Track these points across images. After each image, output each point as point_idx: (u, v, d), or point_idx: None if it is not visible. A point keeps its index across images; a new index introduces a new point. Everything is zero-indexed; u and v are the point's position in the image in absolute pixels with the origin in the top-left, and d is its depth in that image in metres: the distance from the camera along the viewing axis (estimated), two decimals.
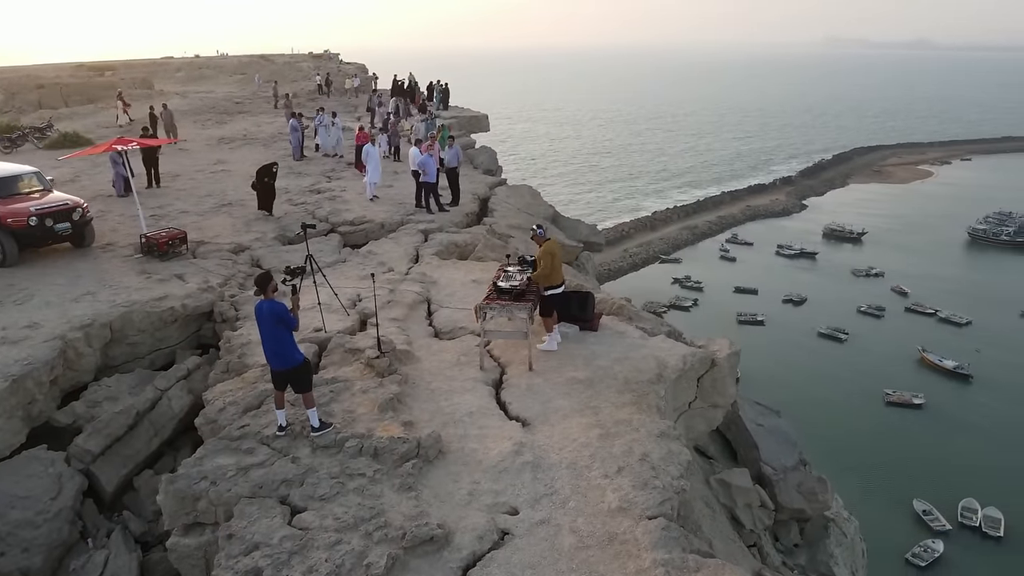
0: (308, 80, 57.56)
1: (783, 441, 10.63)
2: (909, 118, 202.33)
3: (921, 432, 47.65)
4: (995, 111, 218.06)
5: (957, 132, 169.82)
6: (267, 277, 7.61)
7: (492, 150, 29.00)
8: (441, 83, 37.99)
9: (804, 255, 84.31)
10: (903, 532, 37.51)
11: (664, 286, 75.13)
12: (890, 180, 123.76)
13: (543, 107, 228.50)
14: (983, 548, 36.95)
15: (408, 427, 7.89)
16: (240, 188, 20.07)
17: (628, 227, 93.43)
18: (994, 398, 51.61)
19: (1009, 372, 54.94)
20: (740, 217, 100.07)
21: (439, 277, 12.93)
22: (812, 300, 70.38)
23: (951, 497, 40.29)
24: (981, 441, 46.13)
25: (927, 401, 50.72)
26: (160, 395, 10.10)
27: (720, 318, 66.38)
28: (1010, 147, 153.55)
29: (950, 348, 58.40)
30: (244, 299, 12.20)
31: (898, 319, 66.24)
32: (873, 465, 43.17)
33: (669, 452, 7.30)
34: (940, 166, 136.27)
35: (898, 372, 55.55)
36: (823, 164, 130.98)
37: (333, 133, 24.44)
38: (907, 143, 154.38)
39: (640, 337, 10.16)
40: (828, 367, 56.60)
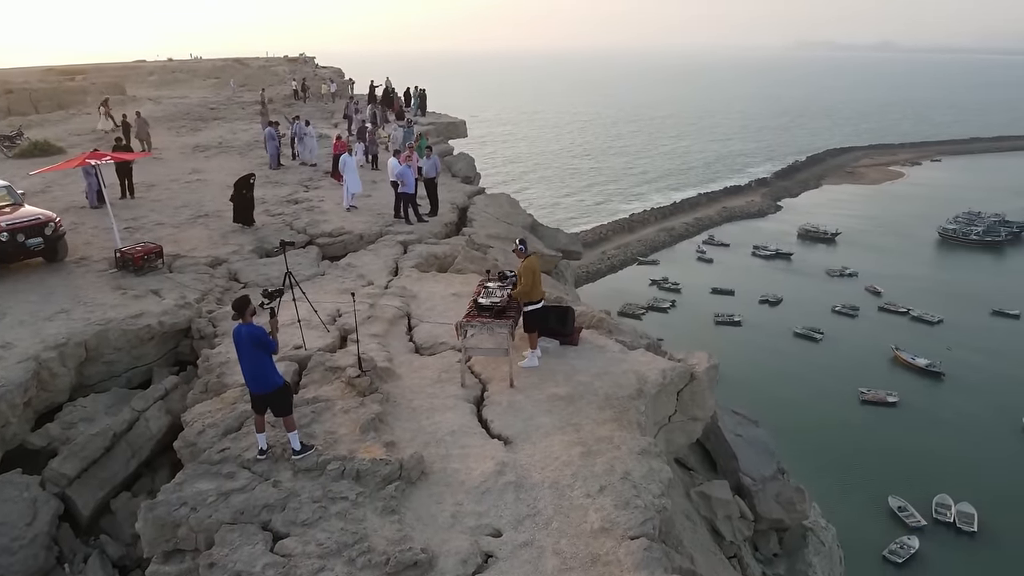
0: (284, 84, 57.14)
1: (761, 451, 10.77)
2: (879, 120, 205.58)
3: (895, 429, 48.43)
4: (963, 112, 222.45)
5: (926, 133, 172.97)
6: (245, 301, 7.57)
7: (470, 157, 29.00)
8: (418, 89, 37.92)
9: (780, 256, 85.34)
10: (879, 529, 38.09)
11: (642, 288, 75.66)
12: (862, 181, 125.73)
13: (521, 110, 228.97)
14: (958, 543, 37.61)
15: (390, 448, 7.88)
16: (217, 199, 19.88)
17: (606, 229, 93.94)
18: (965, 395, 52.63)
19: (979, 369, 56.07)
20: (716, 218, 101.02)
21: (419, 291, 12.91)
22: (788, 300, 71.26)
23: (925, 493, 41.00)
24: (953, 437, 47.00)
25: (901, 399, 51.57)
26: (137, 416, 9.98)
27: (697, 319, 67.03)
28: (978, 148, 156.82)
29: (922, 346, 59.44)
30: (222, 315, 12.09)
31: (872, 318, 67.31)
32: (849, 463, 43.79)
33: (650, 470, 7.37)
34: (911, 167, 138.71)
35: (872, 371, 56.42)
36: (797, 166, 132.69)
37: (308, 142, 24.27)
38: (878, 144, 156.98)
39: (620, 351, 10.23)
40: (804, 367, 57.34)
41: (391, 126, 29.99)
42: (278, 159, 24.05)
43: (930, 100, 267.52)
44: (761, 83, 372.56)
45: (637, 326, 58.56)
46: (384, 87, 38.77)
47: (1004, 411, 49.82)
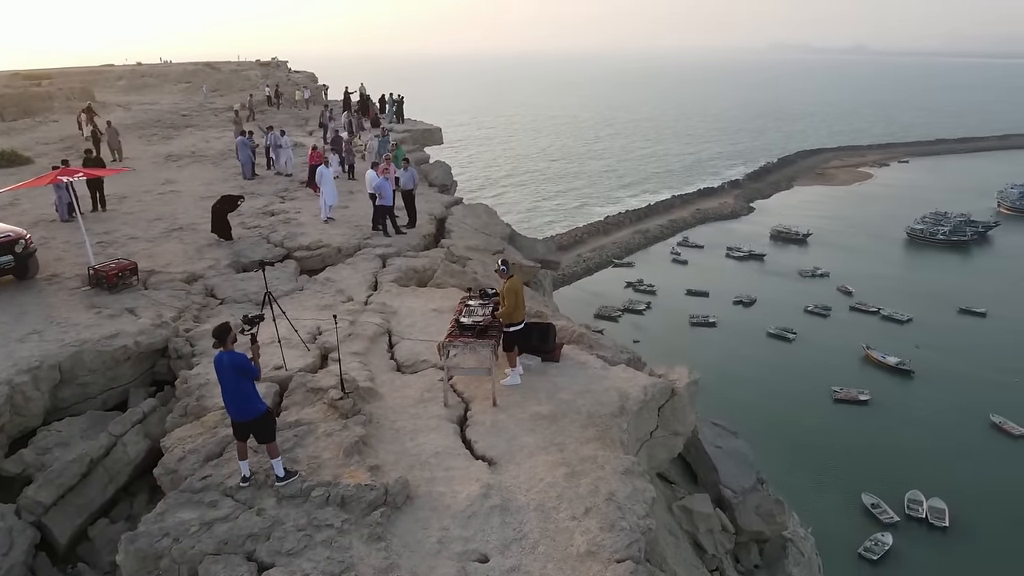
0: (256, 89, 56.57)
1: (741, 462, 10.92)
2: (849, 121, 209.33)
3: (867, 427, 49.31)
4: (929, 114, 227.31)
5: (894, 135, 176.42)
6: (226, 329, 7.51)
7: (446, 165, 28.94)
8: (394, 96, 37.74)
9: (753, 257, 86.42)
10: (854, 526, 38.73)
11: (617, 290, 76.17)
12: (832, 182, 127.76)
13: (496, 113, 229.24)
14: (930, 539, 38.36)
15: (375, 472, 7.85)
16: (191, 211, 19.66)
17: (581, 232, 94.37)
18: (934, 392, 53.77)
19: (947, 366, 57.30)
20: (690, 220, 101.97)
21: (399, 306, 12.88)
22: (761, 301, 72.17)
23: (897, 490, 41.78)
24: (923, 434, 47.97)
25: (872, 397, 52.51)
26: (115, 441, 9.82)
27: (673, 321, 67.64)
28: (943, 149, 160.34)
29: (893, 345, 60.59)
30: (199, 334, 11.96)
31: (843, 318, 68.44)
32: (823, 461, 44.49)
33: (634, 490, 7.44)
34: (879, 168, 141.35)
35: (844, 369, 57.40)
36: (769, 167, 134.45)
37: (283, 153, 24.06)
38: (848, 146, 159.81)
39: (602, 367, 10.31)
40: (778, 367, 58.12)
41: (367, 134, 29.83)
42: (252, 169, 23.80)
43: (898, 102, 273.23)
44: (736, 85, 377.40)
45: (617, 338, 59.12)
46: (359, 94, 38.56)
47: (972, 407, 50.97)
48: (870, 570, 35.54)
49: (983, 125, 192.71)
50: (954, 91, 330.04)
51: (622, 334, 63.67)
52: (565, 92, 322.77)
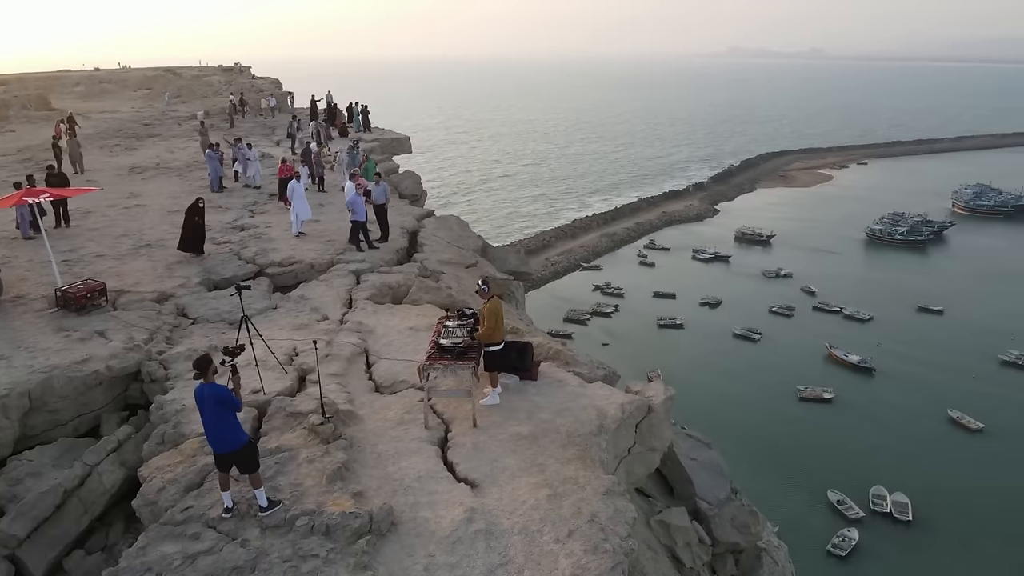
0: (219, 96, 55.78)
1: (715, 474, 11.16)
2: (809, 124, 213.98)
3: (832, 425, 50.42)
4: (886, 117, 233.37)
5: (853, 137, 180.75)
6: (206, 361, 7.48)
7: (416, 175, 28.91)
8: (359, 104, 37.48)
9: (718, 259, 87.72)
10: (821, 523, 39.54)
11: (586, 293, 76.73)
12: (794, 184, 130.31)
13: (463, 118, 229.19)
14: (894, 532, 39.34)
15: (358, 498, 7.88)
16: (158, 225, 19.36)
17: (549, 236, 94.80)
18: (895, 389, 55.21)
19: (907, 363, 58.88)
20: (657, 223, 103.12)
21: (375, 325, 12.87)
22: (727, 302, 73.29)
23: (862, 485, 42.75)
24: (885, 430, 49.21)
25: (836, 395, 53.69)
26: (89, 471, 9.67)
27: (641, 323, 68.38)
28: (899, 151, 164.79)
29: (855, 343, 62.05)
30: (173, 356, 11.83)
31: (807, 317, 69.84)
32: (790, 459, 45.34)
33: (616, 510, 7.59)
34: (839, 170, 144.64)
35: (809, 368, 58.60)
36: (732, 170, 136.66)
37: (252, 166, 23.79)
38: (808, 148, 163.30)
39: (579, 385, 10.45)
40: (744, 367, 59.12)
41: (335, 144, 29.62)
42: (220, 182, 23.51)
43: (856, 105, 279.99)
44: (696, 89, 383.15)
45: (586, 342, 59.55)
46: (326, 102, 38.26)
47: (931, 403, 52.47)
48: (839, 567, 36.30)
49: (937, 128, 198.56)
50: (909, 94, 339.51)
51: (591, 337, 64.24)
52: (529, 96, 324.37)
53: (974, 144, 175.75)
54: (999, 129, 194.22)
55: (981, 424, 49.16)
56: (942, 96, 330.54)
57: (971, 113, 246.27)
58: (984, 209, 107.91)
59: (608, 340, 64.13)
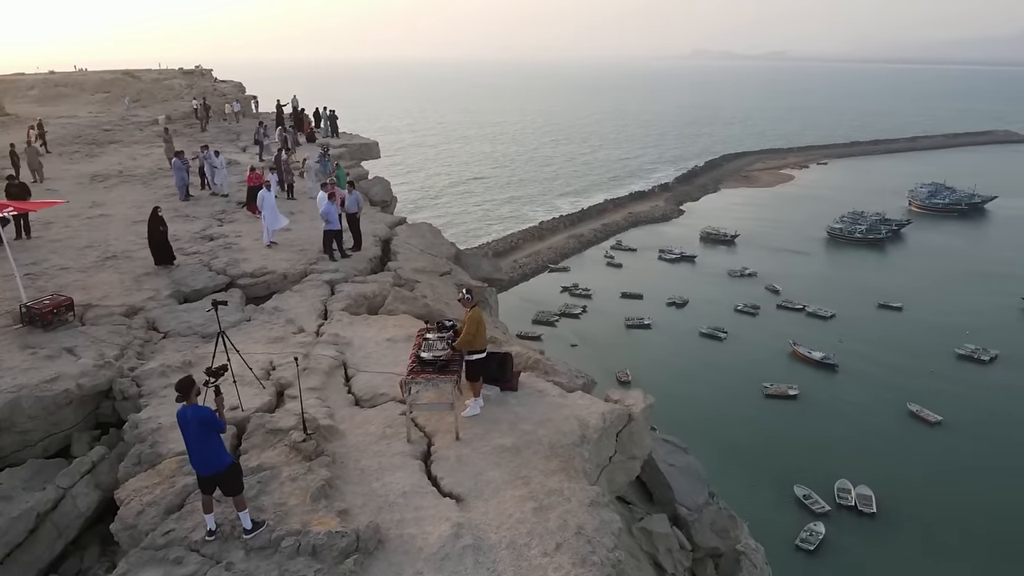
0: (180, 99, 54.79)
1: (693, 479, 11.34)
2: (771, 125, 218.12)
3: (797, 421, 51.33)
4: (845, 117, 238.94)
5: (812, 138, 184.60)
6: (189, 383, 7.38)
7: (386, 180, 28.75)
8: (327, 110, 37.11)
9: (684, 259, 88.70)
10: (788, 518, 40.23)
11: (554, 295, 76.97)
12: (757, 184, 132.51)
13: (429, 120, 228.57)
14: (860, 525, 40.18)
15: (344, 516, 7.84)
16: (123, 236, 18.97)
17: (516, 238, 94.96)
18: (857, 384, 56.44)
19: (868, 359, 60.23)
20: (623, 224, 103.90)
21: (352, 337, 12.80)
22: (693, 301, 74.14)
23: (827, 480, 43.58)
24: (848, 425, 50.28)
25: (801, 391, 54.64)
26: (63, 494, 9.46)
27: (609, 324, 68.82)
28: (858, 151, 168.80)
29: (818, 340, 63.25)
30: (146, 373, 11.62)
31: (771, 316, 70.99)
32: (757, 456, 46.04)
33: (602, 522, 7.68)
34: (800, 170, 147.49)
35: (774, 366, 59.59)
36: (697, 171, 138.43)
37: (219, 174, 23.42)
38: (770, 149, 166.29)
39: (559, 395, 10.53)
40: (711, 365, 59.87)
41: (303, 150, 29.29)
42: (187, 190, 23.10)
43: (817, 106, 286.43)
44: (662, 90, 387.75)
45: (555, 343, 59.79)
46: (292, 106, 37.82)
47: (891, 397, 53.75)
48: (808, 561, 36.98)
49: (894, 128, 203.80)
50: (868, 96, 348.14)
51: (560, 339, 64.49)
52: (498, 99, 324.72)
53: (928, 144, 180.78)
54: (954, 129, 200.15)
55: (939, 417, 50.49)
56: (902, 98, 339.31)
57: (925, 114, 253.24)
58: (939, 207, 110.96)
59: (577, 341, 64.46)
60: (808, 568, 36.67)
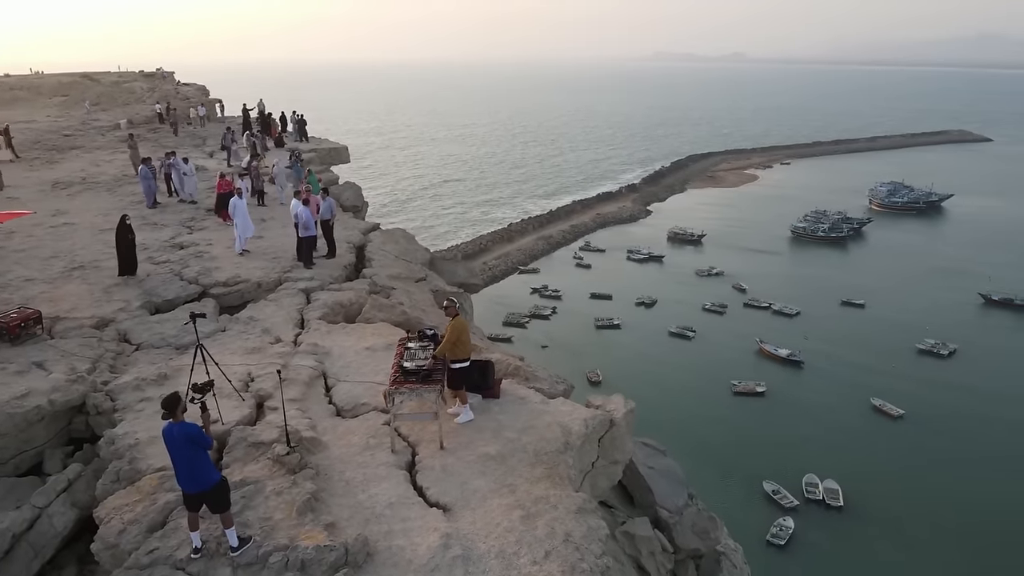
0: (141, 103, 53.74)
1: (673, 481, 11.50)
2: (734, 125, 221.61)
3: (765, 417, 52.20)
4: (806, 118, 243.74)
5: (779, 138, 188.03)
6: (175, 399, 7.29)
7: (357, 186, 28.57)
8: (296, 114, 36.69)
9: (652, 259, 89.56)
10: (758, 514, 40.87)
11: (524, 296, 77.15)
12: (722, 184, 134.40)
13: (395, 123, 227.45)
14: (828, 518, 40.99)
15: (331, 530, 7.81)
16: (90, 245, 18.56)
17: (485, 240, 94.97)
18: (822, 380, 57.62)
19: (833, 355, 61.49)
20: (591, 225, 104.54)
21: (331, 346, 12.72)
22: (662, 301, 74.91)
23: (795, 474, 44.38)
24: (815, 420, 51.27)
25: (768, 388, 55.57)
26: (39, 513, 9.25)
27: (579, 324, 69.22)
28: (819, 151, 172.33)
29: (784, 338, 64.39)
30: (120, 387, 11.41)
31: (738, 314, 72.06)
32: (726, 452, 46.70)
33: (589, 528, 7.77)
34: (764, 170, 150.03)
35: (741, 364, 60.50)
36: (663, 171, 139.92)
37: (187, 181, 23.02)
38: (734, 149, 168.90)
39: (541, 402, 10.60)
40: (680, 364, 60.56)
41: (272, 155, 28.93)
42: (154, 197, 22.67)
43: (781, 107, 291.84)
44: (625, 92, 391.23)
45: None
46: (258, 110, 37.33)
47: (855, 392, 54.97)
48: (779, 556, 37.60)
49: (856, 128, 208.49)
50: (827, 96, 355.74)
51: (530, 340, 64.66)
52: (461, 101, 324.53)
53: (887, 144, 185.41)
54: (912, 129, 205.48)
55: (902, 411, 51.75)
56: (868, 99, 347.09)
57: (884, 114, 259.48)
58: (898, 206, 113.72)
59: (547, 343, 64.71)
60: (780, 563, 37.29)
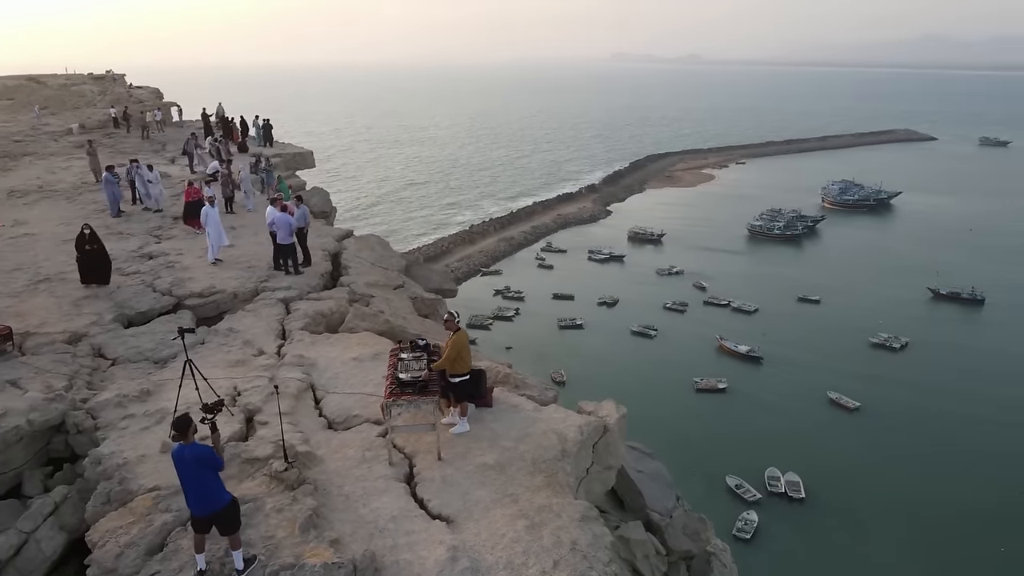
0: (92, 106, 52.20)
1: (662, 484, 11.70)
2: (691, 125, 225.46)
3: (727, 413, 53.31)
4: (763, 119, 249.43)
5: (732, 138, 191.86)
6: (187, 420, 7.17)
7: (325, 191, 28.27)
8: (259, 119, 36.02)
9: (613, 259, 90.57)
10: (722, 508, 41.63)
11: (487, 298, 77.33)
12: (680, 184, 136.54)
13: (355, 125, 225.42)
14: (790, 511, 42.06)
15: (337, 546, 7.75)
16: (53, 256, 18.00)
17: (447, 242, 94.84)
18: (781, 375, 59.12)
19: (790, 350, 63.10)
20: (552, 226, 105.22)
21: (317, 357, 12.59)
22: (624, 300, 75.86)
23: (757, 468, 45.43)
24: (775, 414, 52.56)
25: (729, 384, 56.73)
26: (26, 538, 8.98)
27: (542, 325, 69.69)
28: (773, 150, 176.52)
29: (743, 334, 65.81)
30: (101, 404, 11.13)
31: (699, 312, 73.41)
32: (690, 449, 47.48)
33: (595, 536, 7.88)
34: (720, 169, 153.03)
35: (703, 361, 61.67)
36: (622, 172, 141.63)
37: (153, 189, 22.45)
38: (691, 149, 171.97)
39: (534, 409, 10.68)
40: (643, 362, 61.44)
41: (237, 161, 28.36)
42: (118, 206, 22.06)
43: (739, 108, 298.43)
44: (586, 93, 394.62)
45: (491, 346, 59.96)
46: (217, 115, 36.58)
47: (813, 386, 56.56)
48: (746, 550, 38.33)
49: (812, 128, 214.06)
50: (785, 98, 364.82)
51: (494, 342, 64.77)
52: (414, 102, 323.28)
53: (837, 143, 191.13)
54: (861, 129, 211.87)
55: (857, 403, 53.43)
56: (821, 100, 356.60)
57: (835, 115, 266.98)
58: (850, 203, 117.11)
59: (511, 344, 64.93)
60: (746, 556, 38.00)
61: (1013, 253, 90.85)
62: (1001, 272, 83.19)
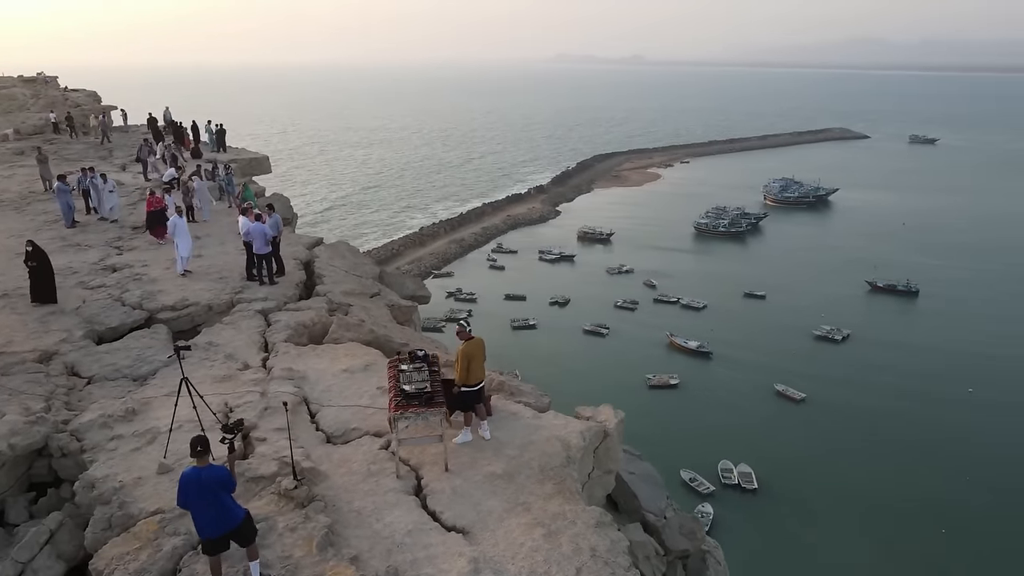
0: (25, 111, 49.88)
1: (653, 485, 11.97)
2: (636, 126, 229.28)
3: (679, 408, 54.43)
4: (702, 118, 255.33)
5: (675, 138, 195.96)
6: (206, 442, 7.04)
7: (285, 197, 27.75)
8: (212, 123, 35.07)
9: (564, 259, 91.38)
10: (677, 502, 42.42)
11: (439, 300, 76.93)
12: (627, 183, 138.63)
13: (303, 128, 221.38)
14: (744, 502, 43.23)
15: (357, 564, 7.72)
16: (9, 272, 17.24)
17: (397, 245, 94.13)
18: (730, 369, 60.75)
19: (738, 345, 64.85)
20: (502, 227, 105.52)
21: (306, 369, 12.43)
22: (575, 300, 76.65)
23: (710, 462, 46.55)
24: (726, 408, 53.95)
25: (681, 380, 57.93)
26: (22, 568, 8.64)
27: (495, 326, 69.74)
28: (715, 149, 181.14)
29: (693, 331, 67.32)
30: (85, 425, 10.76)
31: (649, 310, 74.72)
32: (645, 445, 47.97)
33: (612, 542, 8.05)
34: (665, 168, 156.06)
35: (654, 357, 62.82)
36: (570, 172, 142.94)
37: (109, 199, 21.66)
38: (637, 149, 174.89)
39: (533, 416, 10.79)
40: (596, 360, 62.22)
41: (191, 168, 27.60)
42: (72, 216, 21.21)
43: (685, 109, 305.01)
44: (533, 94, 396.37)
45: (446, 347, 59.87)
46: (164, 119, 35.47)
47: (760, 379, 58.30)
48: None
49: (750, 128, 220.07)
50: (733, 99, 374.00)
51: (448, 344, 64.48)
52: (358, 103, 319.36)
53: (776, 142, 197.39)
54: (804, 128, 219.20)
55: (803, 394, 55.29)
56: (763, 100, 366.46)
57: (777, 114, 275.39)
58: (791, 200, 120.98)
59: None
60: None
61: (944, 247, 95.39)
62: (932, 264, 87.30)
